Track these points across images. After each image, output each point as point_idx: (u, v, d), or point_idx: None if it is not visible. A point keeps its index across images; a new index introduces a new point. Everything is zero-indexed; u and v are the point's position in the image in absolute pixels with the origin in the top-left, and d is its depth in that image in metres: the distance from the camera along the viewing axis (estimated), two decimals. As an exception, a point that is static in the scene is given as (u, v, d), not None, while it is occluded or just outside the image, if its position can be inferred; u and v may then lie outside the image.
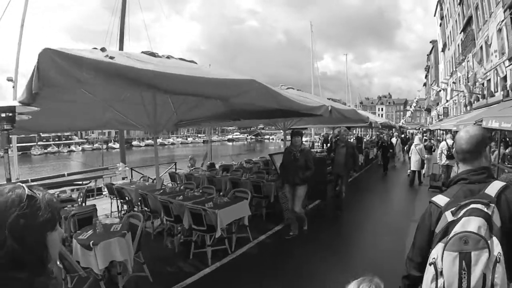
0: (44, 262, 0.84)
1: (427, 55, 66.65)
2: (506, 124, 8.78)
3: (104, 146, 49.61)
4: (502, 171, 10.22)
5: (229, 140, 78.36)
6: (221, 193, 6.66)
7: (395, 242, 5.40)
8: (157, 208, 5.71)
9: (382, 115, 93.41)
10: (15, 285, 0.77)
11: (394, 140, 16.35)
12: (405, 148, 17.59)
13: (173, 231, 5.46)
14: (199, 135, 76.32)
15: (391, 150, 12.99)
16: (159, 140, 69.78)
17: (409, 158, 12.65)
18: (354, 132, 34.14)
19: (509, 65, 14.94)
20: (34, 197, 0.83)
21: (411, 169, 11.28)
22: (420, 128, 54.08)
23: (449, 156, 10.85)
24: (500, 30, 17.03)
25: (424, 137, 27.63)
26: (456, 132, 17.39)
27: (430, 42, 55.01)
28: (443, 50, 40.45)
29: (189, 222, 4.91)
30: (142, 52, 3.37)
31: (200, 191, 6.15)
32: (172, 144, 71.29)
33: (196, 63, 3.86)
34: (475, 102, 20.73)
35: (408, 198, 9.71)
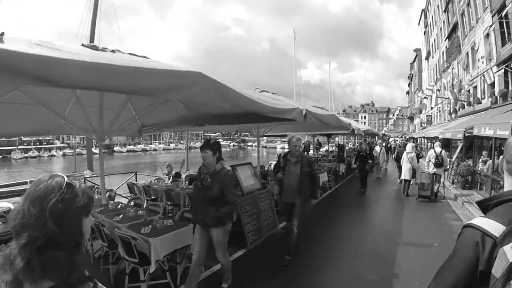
0: (79, 244, 0.91)
1: (410, 63, 67.60)
2: (502, 131, 7.96)
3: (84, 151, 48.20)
4: (497, 183, 9.45)
5: None
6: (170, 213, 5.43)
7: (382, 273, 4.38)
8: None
9: (365, 123, 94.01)
10: (55, 263, 0.83)
11: (377, 148, 15.25)
12: (393, 156, 16.79)
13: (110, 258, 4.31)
14: (181, 141, 75.42)
15: (370, 161, 11.94)
16: (141, 146, 69.17)
17: (399, 166, 11.87)
18: (337, 139, 33.61)
19: (497, 71, 14.39)
20: (72, 185, 0.92)
21: (402, 178, 10.92)
22: (403, 136, 54.35)
23: (437, 165, 10.37)
24: (487, 35, 16.57)
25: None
26: (443, 140, 16.77)
27: (414, 50, 55.69)
28: (427, 58, 40.62)
29: (123, 250, 3.73)
30: (82, 44, 2.67)
31: (147, 208, 4.93)
32: (154, 150, 70.30)
33: (148, 57, 2.90)
34: (460, 109, 20.27)
35: (397, 211, 8.73)
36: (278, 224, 6.46)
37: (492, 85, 15.78)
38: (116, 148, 64.35)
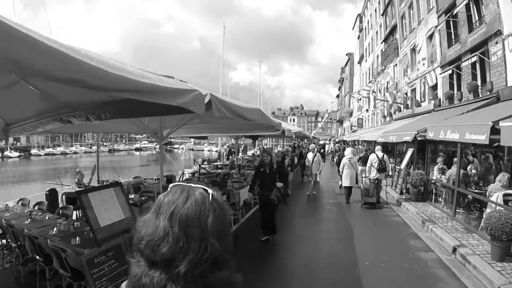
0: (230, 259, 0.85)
1: (342, 68, 70.34)
2: (476, 135, 6.25)
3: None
4: (462, 196, 7.99)
5: (136, 149, 71.53)
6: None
7: None
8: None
9: (294, 125, 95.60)
10: (221, 284, 0.77)
11: (310, 156, 10.83)
12: (335, 160, 15.07)
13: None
14: (104, 144, 68.49)
15: (291, 171, 9.98)
16: (61, 149, 62.04)
17: (339, 172, 10.70)
18: (265, 143, 31.71)
19: (442, 73, 13.60)
20: (216, 197, 0.82)
21: (344, 185, 9.92)
22: (331, 139, 55.85)
23: (380, 170, 9.41)
24: (430, 37, 15.97)
25: (336, 147, 26.60)
26: (382, 143, 15.67)
27: (346, 54, 57.50)
28: (359, 62, 41.63)
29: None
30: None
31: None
32: (75, 153, 62.07)
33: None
34: (397, 112, 19.82)
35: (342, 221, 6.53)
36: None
37: (434, 87, 15.17)
38: (33, 151, 56.35)
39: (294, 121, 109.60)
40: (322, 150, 13.22)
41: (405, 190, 9.84)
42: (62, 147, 63.88)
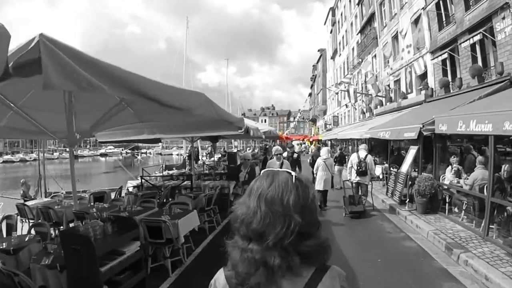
0: (320, 228, 0.94)
1: (313, 65, 69.20)
2: None
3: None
4: (500, 209, 6.03)
5: (101, 155, 66.60)
6: None
7: None
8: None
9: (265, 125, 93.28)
10: (314, 251, 0.87)
11: (276, 162, 7.47)
12: (308, 161, 12.92)
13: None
14: (67, 149, 63.19)
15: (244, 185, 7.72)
16: (20, 156, 57.48)
17: (313, 173, 9.23)
18: (235, 144, 29.07)
19: (433, 58, 11.89)
20: (301, 179, 0.94)
21: (317, 189, 8.27)
22: (304, 139, 54.27)
23: (360, 172, 8.14)
24: (416, 21, 14.32)
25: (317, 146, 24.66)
26: (366, 141, 13.77)
27: (318, 50, 56.05)
28: (333, 57, 40.29)
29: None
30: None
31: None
32: (35, 160, 56.12)
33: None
34: (378, 107, 18.14)
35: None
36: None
37: (423, 76, 13.50)
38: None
39: (265, 121, 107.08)
40: (295, 155, 10.19)
41: (408, 200, 7.82)
42: (21, 153, 59.42)
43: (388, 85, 17.16)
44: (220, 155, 19.19)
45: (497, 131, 5.16)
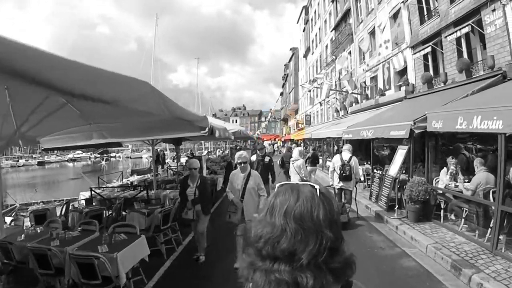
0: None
1: (285, 64, 68.81)
2: None
3: None
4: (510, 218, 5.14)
5: (69, 160, 62.25)
6: None
7: None
8: None
9: (236, 125, 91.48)
10: (343, 268, 0.81)
11: (237, 178, 4.92)
12: (278, 163, 11.85)
13: None
14: (33, 156, 59.58)
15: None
16: None
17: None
18: (207, 146, 27.21)
19: (415, 53, 11.25)
20: (324, 192, 0.86)
21: None
22: (276, 139, 53.50)
23: (344, 177, 6.90)
24: (395, 16, 13.71)
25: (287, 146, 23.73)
26: (346, 141, 12.89)
27: (290, 49, 55.48)
28: (305, 56, 39.79)
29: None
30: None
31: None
32: None
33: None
34: (353, 104, 17.49)
35: None
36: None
37: (402, 72, 12.90)
38: None
39: (236, 121, 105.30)
40: (267, 159, 7.55)
41: (396, 206, 6.91)
42: (-26, 161, 52.59)
43: (364, 82, 16.53)
44: (187, 158, 17.66)
45: (509, 129, 4.30)
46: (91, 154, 67.64)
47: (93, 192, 7.13)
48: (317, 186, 0.86)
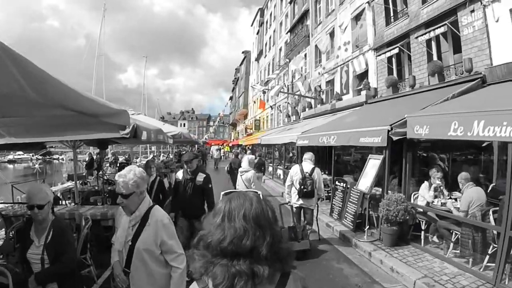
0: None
1: (236, 68, 67.28)
2: None
3: None
4: None
5: (9, 161, 55.43)
6: None
7: None
8: None
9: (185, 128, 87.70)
10: (288, 254, 0.99)
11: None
12: (226, 169, 9.95)
13: None
14: None
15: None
16: None
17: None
18: (147, 150, 23.77)
19: (379, 55, 10.32)
20: (261, 197, 1.06)
21: None
22: (224, 144, 51.18)
23: (305, 194, 5.27)
24: (357, 17, 12.84)
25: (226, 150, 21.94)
26: (299, 149, 11.34)
27: (242, 52, 54.20)
28: (257, 59, 38.63)
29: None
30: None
31: None
32: None
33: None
34: (306, 109, 16.34)
35: None
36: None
37: (362, 75, 11.95)
38: None
39: (185, 125, 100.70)
40: (200, 178, 4.38)
41: (367, 227, 5.41)
42: None
43: (320, 86, 15.48)
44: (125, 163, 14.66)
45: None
46: (32, 156, 58.99)
47: None
48: (259, 192, 1.60)
